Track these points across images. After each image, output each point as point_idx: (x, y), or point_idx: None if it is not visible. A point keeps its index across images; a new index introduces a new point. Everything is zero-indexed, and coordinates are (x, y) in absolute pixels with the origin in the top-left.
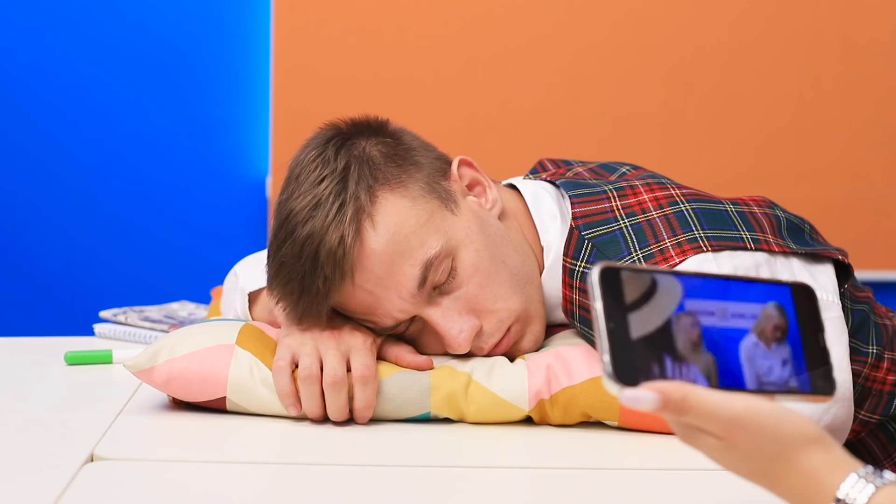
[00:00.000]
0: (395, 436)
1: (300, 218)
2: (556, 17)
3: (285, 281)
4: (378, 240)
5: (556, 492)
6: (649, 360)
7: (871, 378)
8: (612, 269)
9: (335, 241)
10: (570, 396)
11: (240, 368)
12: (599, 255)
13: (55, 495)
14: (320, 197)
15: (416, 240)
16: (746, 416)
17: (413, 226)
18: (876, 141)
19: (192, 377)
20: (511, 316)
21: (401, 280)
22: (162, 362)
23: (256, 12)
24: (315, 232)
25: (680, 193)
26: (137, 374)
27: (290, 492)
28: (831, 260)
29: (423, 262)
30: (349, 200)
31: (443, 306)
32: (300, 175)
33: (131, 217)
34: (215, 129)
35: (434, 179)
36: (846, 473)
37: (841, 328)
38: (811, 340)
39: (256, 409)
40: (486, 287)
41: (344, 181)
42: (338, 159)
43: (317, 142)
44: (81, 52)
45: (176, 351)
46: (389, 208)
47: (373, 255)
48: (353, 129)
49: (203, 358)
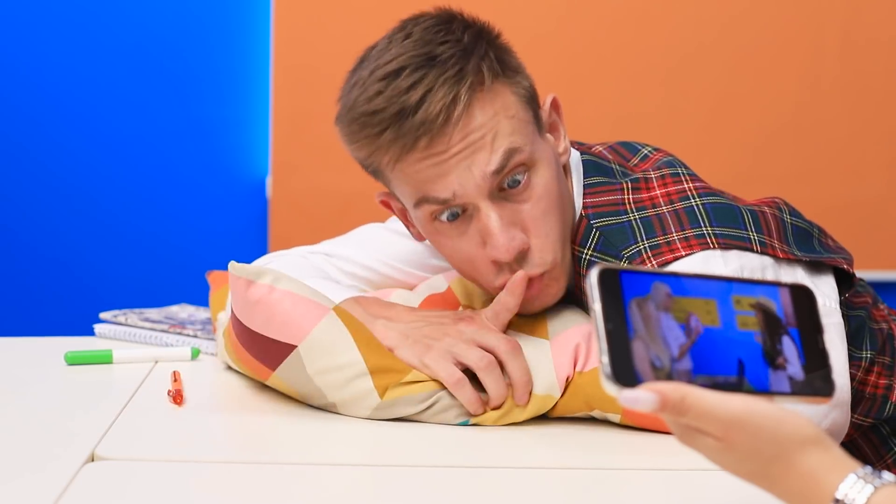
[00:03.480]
0: (394, 435)
1: (409, 64)
2: (556, 16)
3: (375, 122)
4: (484, 112)
5: (557, 492)
6: (648, 360)
7: (864, 382)
8: (611, 271)
9: (447, 98)
10: (576, 384)
11: (327, 330)
12: (606, 243)
13: (55, 495)
14: (438, 55)
15: (510, 128)
16: (745, 417)
17: (513, 116)
18: (876, 141)
19: (280, 312)
20: (553, 262)
21: (480, 158)
22: (263, 282)
23: (256, 12)
24: (423, 81)
25: (693, 188)
26: (236, 278)
27: (290, 491)
28: (834, 267)
29: (506, 150)
30: (469, 72)
31: (502, 209)
32: (412, 34)
33: (131, 217)
34: (215, 129)
35: (533, 96)
36: (845, 474)
37: (841, 335)
38: (810, 342)
39: (308, 373)
40: (547, 216)
41: (467, 54)
42: (465, 35)
43: (435, 19)
44: (81, 53)
45: (280, 283)
46: (502, 94)
47: (473, 122)
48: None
49: (299, 304)
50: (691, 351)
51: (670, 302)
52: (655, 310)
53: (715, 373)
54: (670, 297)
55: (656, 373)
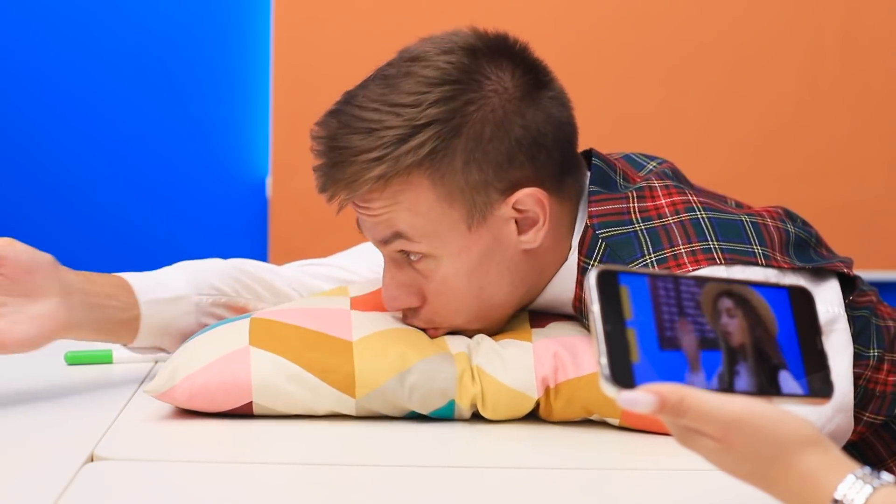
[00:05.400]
0: (394, 436)
1: (354, 123)
2: (556, 16)
3: (316, 149)
4: (385, 199)
5: (557, 492)
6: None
7: (874, 380)
8: (610, 273)
9: (353, 174)
10: (574, 389)
11: (261, 370)
12: (613, 254)
13: (55, 495)
14: (380, 127)
15: (410, 222)
16: (744, 418)
17: (420, 213)
18: (876, 141)
19: (215, 389)
20: (448, 325)
21: (377, 230)
22: (181, 380)
23: (256, 12)
24: (348, 150)
25: (697, 200)
26: (159, 396)
27: (290, 491)
28: (836, 273)
29: (394, 232)
30: (390, 160)
31: (399, 270)
32: (409, 74)
33: (131, 217)
34: (215, 129)
35: (484, 189)
36: (844, 474)
37: (847, 340)
38: (809, 343)
39: (284, 408)
40: (443, 297)
41: (406, 138)
42: (428, 109)
43: (443, 69)
44: (82, 53)
45: (192, 366)
46: (415, 189)
47: (373, 202)
48: (507, 64)
49: (221, 367)
50: (690, 352)
51: (669, 304)
52: (654, 311)
53: (714, 373)
54: (669, 299)
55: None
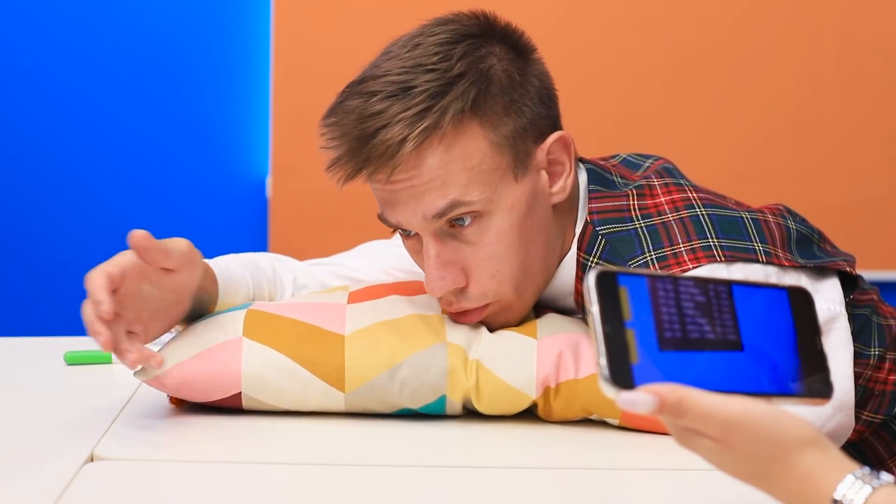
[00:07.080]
0: (394, 435)
1: (382, 91)
2: (556, 16)
3: (337, 136)
4: (436, 157)
5: (556, 492)
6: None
7: (874, 379)
8: (609, 274)
9: (396, 136)
10: (573, 390)
11: (252, 361)
12: (612, 251)
13: (55, 495)
14: (414, 87)
15: (465, 178)
16: (743, 419)
17: (473, 166)
18: (876, 141)
19: (205, 377)
20: (496, 297)
21: (425, 201)
22: (172, 366)
23: (256, 12)
24: (384, 113)
25: (697, 197)
26: (149, 382)
27: (290, 491)
28: (837, 271)
29: (451, 201)
30: (433, 113)
31: (444, 246)
32: (419, 45)
33: (132, 217)
34: (215, 129)
35: (524, 136)
36: (843, 475)
37: (847, 338)
38: (808, 344)
39: (272, 401)
40: (494, 260)
41: (444, 90)
42: (460, 62)
43: (454, 31)
44: (82, 53)
45: (184, 354)
46: (467, 139)
47: (422, 165)
48: (497, 34)
49: (213, 356)
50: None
51: (668, 304)
52: (653, 312)
53: (713, 374)
54: (668, 300)
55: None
